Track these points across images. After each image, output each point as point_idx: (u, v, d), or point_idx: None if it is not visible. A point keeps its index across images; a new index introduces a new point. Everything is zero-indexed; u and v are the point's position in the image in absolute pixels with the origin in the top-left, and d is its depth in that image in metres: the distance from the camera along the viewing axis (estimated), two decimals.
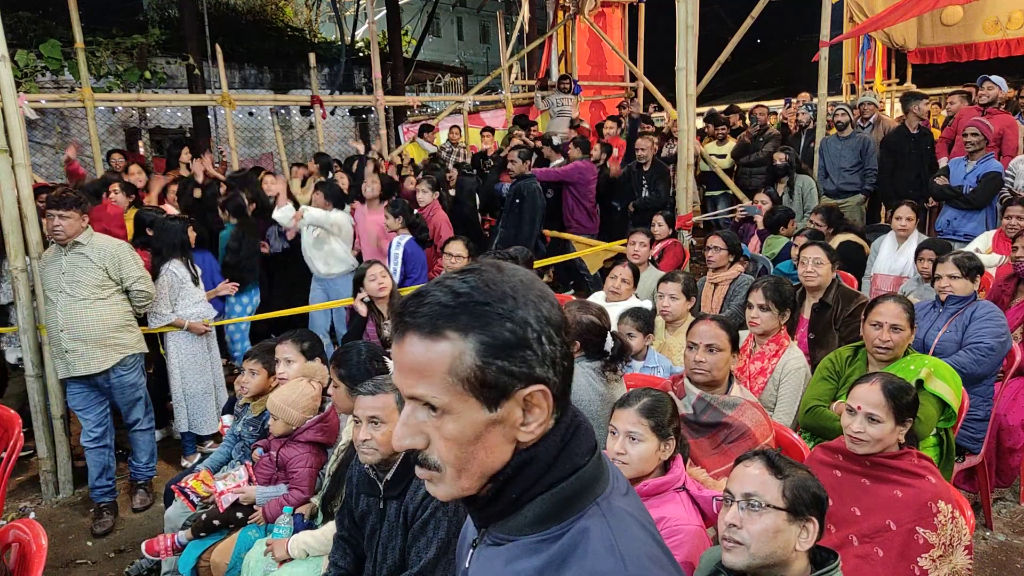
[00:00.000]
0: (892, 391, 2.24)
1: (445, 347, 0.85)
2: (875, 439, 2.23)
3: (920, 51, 10.02)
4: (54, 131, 11.63)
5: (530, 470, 0.91)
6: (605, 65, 12.70)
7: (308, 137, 14.89)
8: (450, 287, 0.88)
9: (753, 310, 3.26)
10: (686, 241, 5.78)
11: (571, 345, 0.92)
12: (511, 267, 0.92)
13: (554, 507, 0.91)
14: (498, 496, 0.92)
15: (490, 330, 0.85)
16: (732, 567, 1.73)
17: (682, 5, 5.17)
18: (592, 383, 2.64)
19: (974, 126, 5.43)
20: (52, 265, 3.82)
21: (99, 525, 3.88)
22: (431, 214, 5.91)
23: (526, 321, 0.86)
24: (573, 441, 0.93)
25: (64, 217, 3.69)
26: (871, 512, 2.16)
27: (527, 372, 0.87)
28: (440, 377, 0.86)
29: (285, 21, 17.13)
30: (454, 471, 0.90)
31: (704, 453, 2.50)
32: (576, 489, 0.92)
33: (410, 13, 19.13)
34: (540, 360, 0.87)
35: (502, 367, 0.85)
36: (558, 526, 0.91)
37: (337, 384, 2.71)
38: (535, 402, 0.88)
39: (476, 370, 0.85)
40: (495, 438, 0.89)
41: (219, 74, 8.71)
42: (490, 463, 0.90)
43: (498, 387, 0.86)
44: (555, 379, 0.89)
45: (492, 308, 0.86)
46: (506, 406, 0.87)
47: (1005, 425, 3.59)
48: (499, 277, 0.89)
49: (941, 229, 5.48)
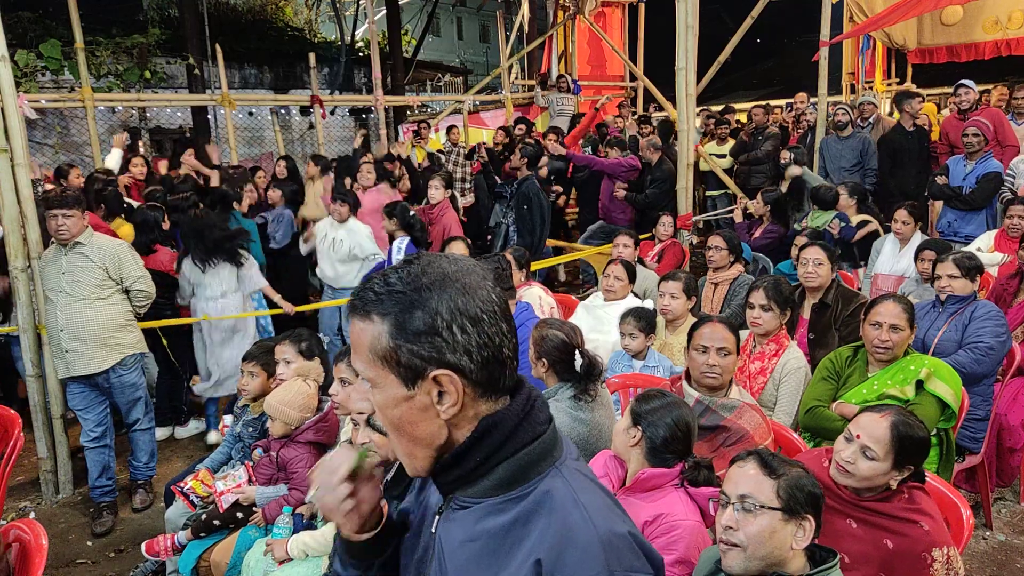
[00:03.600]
0: (900, 432, 1.99)
1: (369, 328, 0.98)
2: (863, 476, 2.02)
3: (920, 51, 10.01)
4: (54, 131, 11.62)
5: (491, 438, 1.00)
6: (605, 65, 12.71)
7: (308, 137, 14.87)
8: (385, 276, 1.00)
9: (755, 310, 3.25)
10: (686, 241, 5.78)
11: (501, 340, 1.00)
12: (445, 260, 1.02)
13: (519, 470, 1.01)
14: (458, 461, 1.02)
15: (402, 316, 0.96)
16: (730, 571, 1.72)
17: (682, 5, 5.17)
18: (572, 413, 2.54)
19: (974, 126, 5.43)
20: (52, 265, 3.82)
21: (99, 525, 3.88)
22: (441, 213, 5.88)
23: (436, 311, 0.96)
24: (532, 412, 1.04)
25: (68, 216, 3.69)
26: (861, 562, 2.01)
27: (436, 357, 0.96)
28: (366, 354, 0.99)
29: (285, 21, 17.12)
30: (393, 436, 1.03)
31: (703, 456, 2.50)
32: (538, 454, 1.02)
33: (410, 13, 19.11)
34: (451, 347, 0.96)
35: (411, 349, 0.96)
36: (522, 487, 1.01)
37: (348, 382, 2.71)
38: (443, 385, 0.97)
39: (390, 350, 0.97)
40: (416, 413, 1.00)
41: (219, 74, 8.71)
42: (421, 435, 1.01)
43: (411, 367, 0.97)
44: (471, 366, 0.98)
45: (407, 296, 0.97)
46: (422, 386, 0.98)
47: (1005, 425, 3.59)
48: (426, 269, 0.99)
49: (942, 230, 5.48)
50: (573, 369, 2.56)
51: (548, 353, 2.62)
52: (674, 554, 1.97)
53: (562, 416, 2.55)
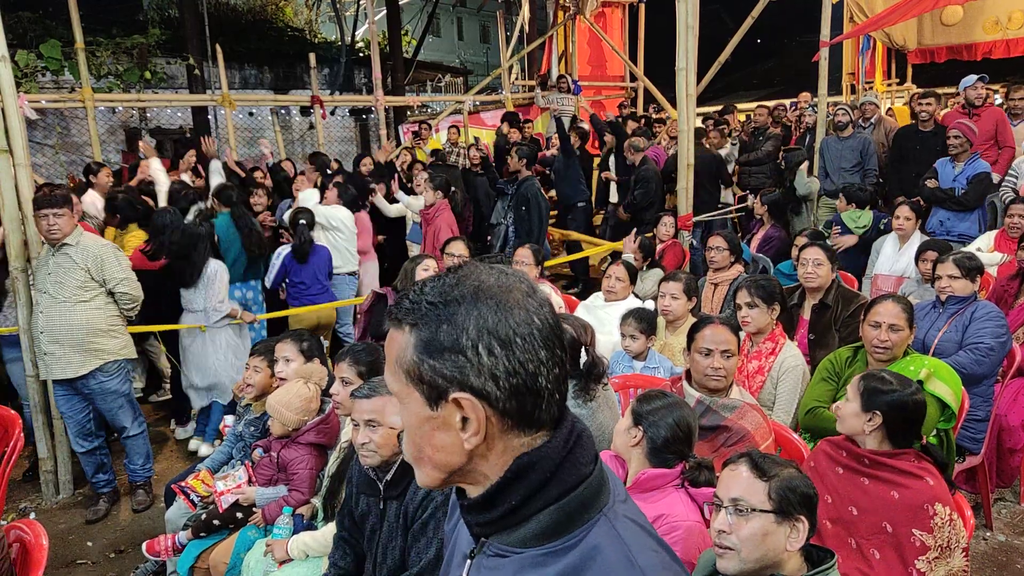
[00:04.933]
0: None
1: (399, 338, 0.91)
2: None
3: (920, 51, 10.02)
4: (54, 131, 11.63)
5: (530, 478, 0.90)
6: (605, 65, 12.71)
7: (308, 137, 14.88)
8: (421, 286, 0.93)
9: (742, 310, 3.27)
10: (686, 241, 5.78)
11: (537, 368, 0.89)
12: (487, 272, 0.92)
13: (563, 518, 0.90)
14: (492, 502, 0.92)
15: (428, 328, 0.88)
16: (726, 573, 1.72)
17: (682, 5, 5.16)
18: (572, 410, 2.57)
19: (956, 128, 5.44)
20: (41, 266, 3.77)
21: (92, 513, 3.85)
22: (435, 215, 5.90)
23: (463, 327, 0.87)
24: (576, 449, 0.92)
25: (59, 216, 3.63)
26: (868, 513, 2.15)
27: (459, 378, 0.87)
28: (393, 365, 0.92)
29: (285, 21, 17.14)
30: (411, 456, 0.96)
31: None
32: (583, 499, 0.91)
33: (410, 13, 19.11)
34: (476, 369, 0.87)
35: (433, 366, 0.88)
36: (565, 538, 0.90)
37: (349, 382, 2.72)
38: (465, 411, 0.88)
39: (414, 364, 0.89)
40: (440, 437, 0.91)
41: (219, 74, 8.71)
42: (441, 460, 0.92)
43: (433, 386, 0.88)
44: (498, 393, 0.87)
45: (436, 309, 0.88)
46: (445, 408, 0.89)
47: (1005, 425, 3.59)
48: (462, 280, 0.90)
49: (933, 230, 5.46)
50: (578, 366, 2.58)
51: None
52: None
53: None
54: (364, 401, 2.25)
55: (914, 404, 2.20)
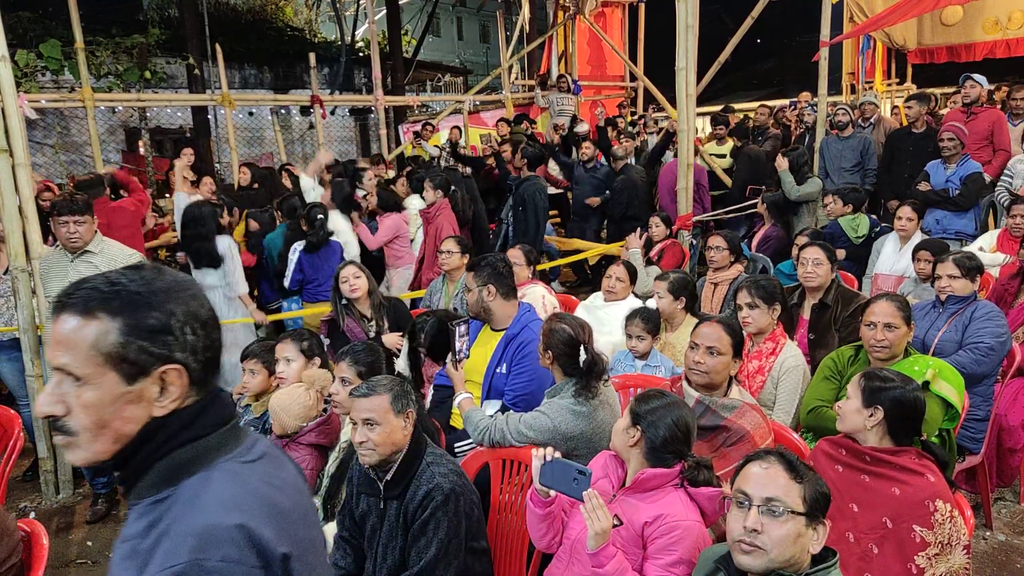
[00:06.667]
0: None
1: (93, 325, 1.01)
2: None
3: (920, 51, 10.02)
4: (54, 131, 11.63)
5: (157, 438, 1.05)
6: (605, 65, 12.72)
7: (308, 137, 14.89)
8: (107, 278, 1.04)
9: (743, 310, 3.27)
10: (686, 241, 5.78)
11: (220, 346, 1.11)
12: (171, 271, 1.10)
13: (168, 471, 1.05)
14: (125, 461, 1.06)
15: (137, 315, 1.02)
16: (750, 570, 1.68)
17: (682, 5, 5.17)
18: (573, 409, 2.58)
19: (949, 130, 5.44)
20: (57, 271, 3.75)
21: (92, 513, 3.86)
22: (435, 214, 5.89)
23: (172, 312, 1.04)
24: (203, 415, 1.09)
25: (80, 223, 3.62)
26: (868, 509, 2.15)
27: (166, 354, 1.04)
28: (84, 350, 1.01)
29: (285, 21, 17.13)
30: (89, 436, 1.03)
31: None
32: (192, 456, 1.06)
33: (410, 13, 19.12)
34: (181, 346, 1.05)
35: (142, 347, 1.02)
36: (170, 488, 1.04)
37: (349, 382, 2.71)
38: (170, 380, 1.04)
39: (118, 347, 1.01)
40: (130, 410, 1.03)
41: (219, 74, 8.72)
42: (125, 430, 1.04)
43: (137, 364, 1.02)
44: (195, 365, 1.06)
45: (143, 298, 1.03)
46: (143, 382, 1.03)
47: (1005, 425, 3.59)
48: (157, 276, 1.07)
49: (930, 228, 5.45)
50: (577, 365, 2.58)
51: (554, 346, 2.65)
52: (674, 554, 1.97)
53: (563, 412, 2.57)
54: (363, 400, 2.25)
55: (915, 401, 2.20)
